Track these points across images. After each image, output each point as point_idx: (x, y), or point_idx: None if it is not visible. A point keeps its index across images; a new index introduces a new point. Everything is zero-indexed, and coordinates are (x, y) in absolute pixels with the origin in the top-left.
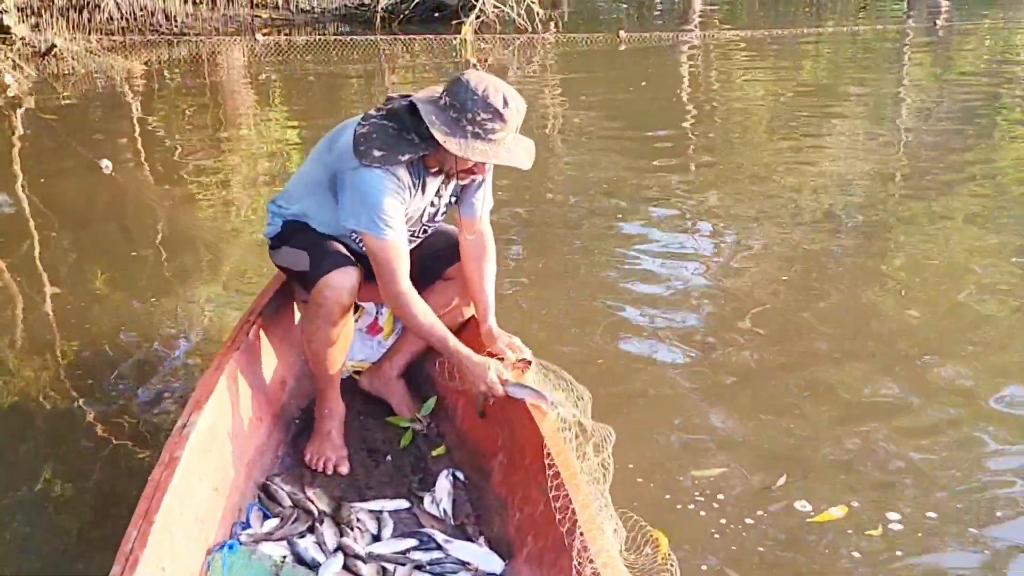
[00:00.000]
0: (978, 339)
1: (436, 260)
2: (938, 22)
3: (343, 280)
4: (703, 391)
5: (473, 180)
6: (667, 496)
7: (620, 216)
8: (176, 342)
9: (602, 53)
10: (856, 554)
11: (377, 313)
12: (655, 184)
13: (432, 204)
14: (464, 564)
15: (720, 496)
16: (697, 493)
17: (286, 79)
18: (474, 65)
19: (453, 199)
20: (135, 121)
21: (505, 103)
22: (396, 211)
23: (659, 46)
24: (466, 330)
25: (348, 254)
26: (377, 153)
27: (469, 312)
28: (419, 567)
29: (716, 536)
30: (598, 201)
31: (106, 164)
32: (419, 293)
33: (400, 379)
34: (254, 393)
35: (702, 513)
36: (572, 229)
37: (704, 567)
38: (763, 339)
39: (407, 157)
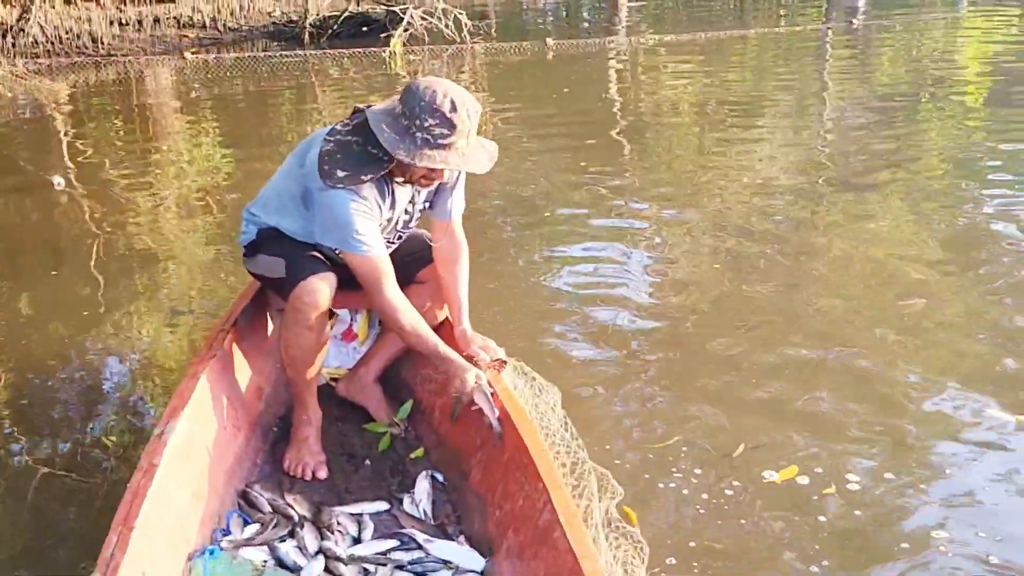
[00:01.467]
0: (907, 319)
1: (409, 264)
2: (854, 21)
3: (320, 285)
4: (647, 374)
5: (439, 185)
6: (631, 469)
7: (551, 215)
8: (114, 362)
9: (531, 62)
10: (820, 518)
11: (351, 319)
12: (586, 183)
13: (406, 212)
14: (445, 563)
15: (682, 466)
16: (658, 465)
17: (216, 98)
18: (406, 76)
19: (426, 204)
20: (64, 143)
21: (453, 107)
22: (368, 228)
23: (587, 52)
24: (440, 332)
25: (324, 260)
26: (341, 174)
27: (443, 315)
28: (400, 567)
29: (683, 506)
30: (530, 202)
31: (58, 181)
32: None
33: (376, 384)
34: (231, 401)
35: (667, 484)
36: (504, 229)
37: (673, 540)
38: (699, 324)
39: (370, 177)
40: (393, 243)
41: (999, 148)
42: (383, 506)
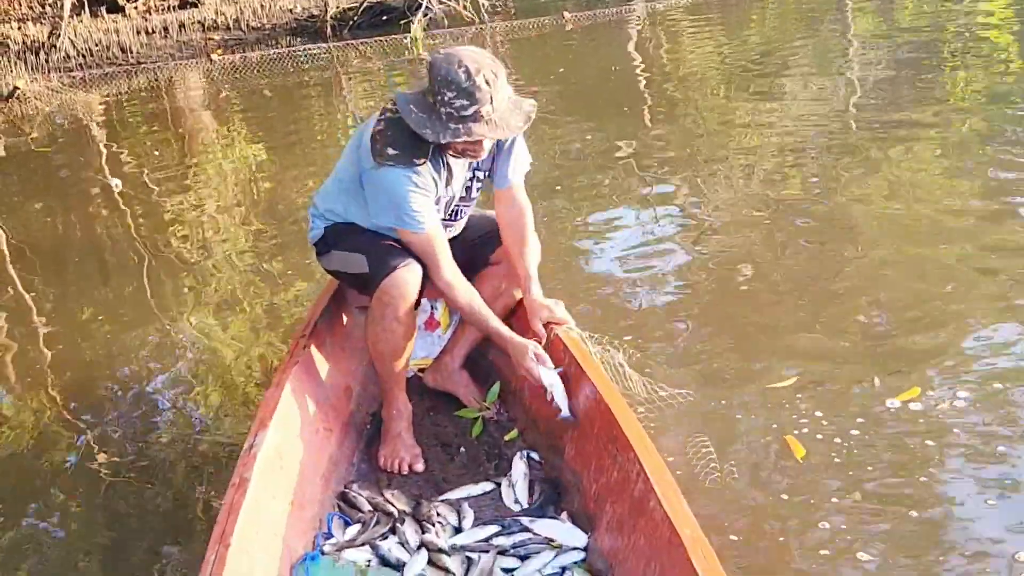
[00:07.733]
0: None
1: (481, 247)
2: None
3: (409, 276)
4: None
5: (490, 154)
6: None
7: (589, 184)
8: (165, 368)
9: (551, 36)
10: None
11: (432, 308)
12: (619, 151)
13: (465, 188)
14: (549, 542)
15: (806, 404)
16: (777, 406)
17: (244, 97)
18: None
19: (487, 176)
20: (103, 152)
21: (468, 76)
22: (423, 205)
23: (605, 21)
24: (518, 312)
25: (404, 249)
26: (392, 152)
27: (519, 294)
28: (503, 552)
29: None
30: (566, 173)
31: (116, 183)
32: (469, 281)
33: (463, 370)
34: (320, 404)
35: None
36: (543, 201)
37: (820, 475)
38: (749, 279)
39: (422, 159)
40: (454, 221)
41: None
42: (487, 487)
